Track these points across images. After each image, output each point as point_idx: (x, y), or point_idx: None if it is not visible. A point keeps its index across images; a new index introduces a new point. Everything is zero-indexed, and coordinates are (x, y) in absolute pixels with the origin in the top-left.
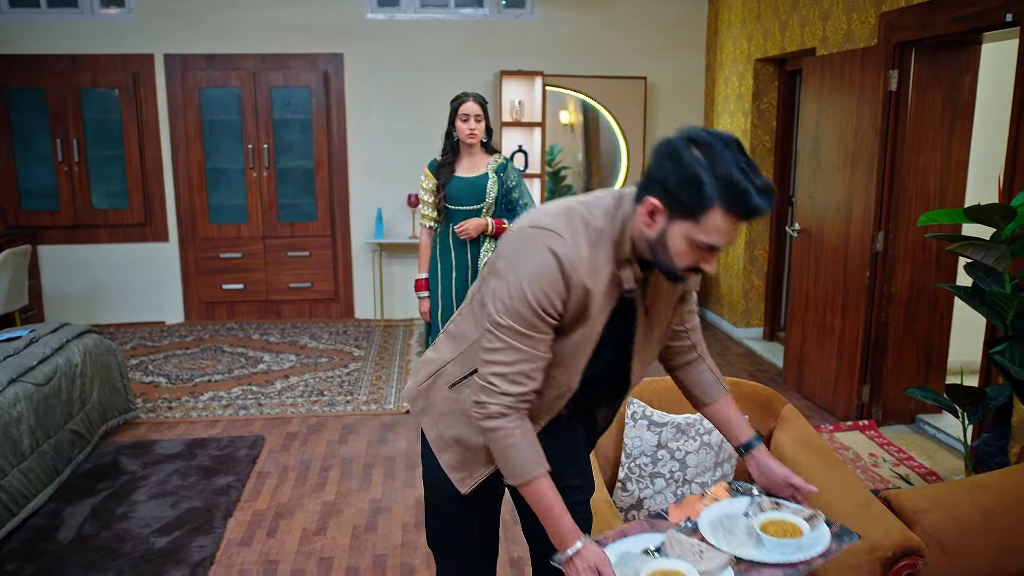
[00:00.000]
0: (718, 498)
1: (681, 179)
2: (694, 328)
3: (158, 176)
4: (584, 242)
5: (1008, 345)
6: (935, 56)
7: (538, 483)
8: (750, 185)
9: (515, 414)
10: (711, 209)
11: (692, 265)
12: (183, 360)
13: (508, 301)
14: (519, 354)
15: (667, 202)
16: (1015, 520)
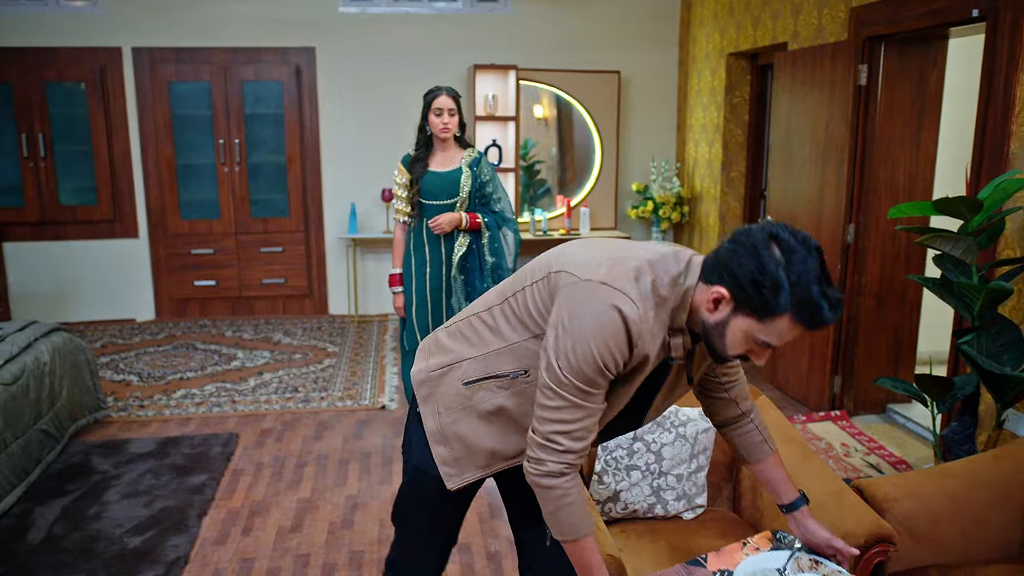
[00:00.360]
0: (759, 547)
1: (757, 279)
2: (735, 383)
3: (127, 171)
4: (651, 308)
5: (975, 335)
6: (903, 51)
7: (585, 542)
8: (824, 301)
9: (573, 472)
10: (781, 316)
11: (740, 353)
12: (155, 358)
13: (574, 360)
14: (582, 412)
15: (736, 296)
16: (982, 507)
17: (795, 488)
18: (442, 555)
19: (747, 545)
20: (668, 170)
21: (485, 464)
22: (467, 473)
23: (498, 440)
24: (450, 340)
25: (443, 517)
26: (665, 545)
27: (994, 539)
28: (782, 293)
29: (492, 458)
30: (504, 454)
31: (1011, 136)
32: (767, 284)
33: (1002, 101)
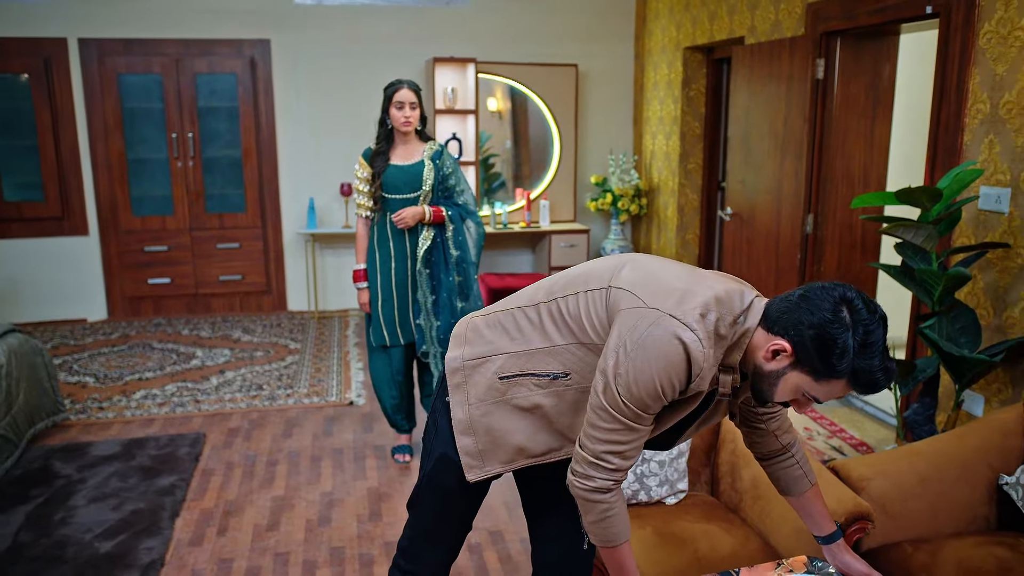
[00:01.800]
0: (793, 570)
1: (824, 341)
2: (774, 416)
3: (75, 167)
4: (712, 348)
5: (937, 320)
6: (858, 46)
7: (624, 548)
8: (883, 374)
9: (618, 487)
10: (839, 379)
11: (786, 401)
12: (110, 358)
13: (635, 388)
14: (635, 434)
15: (798, 352)
16: (948, 484)
17: (832, 521)
18: (456, 543)
19: (781, 566)
20: (626, 163)
21: (509, 460)
22: (489, 466)
23: (528, 437)
24: (489, 330)
25: (461, 505)
26: (652, 530)
27: (961, 514)
28: (845, 360)
29: (518, 454)
30: (531, 452)
31: (964, 128)
32: (832, 348)
33: (955, 95)
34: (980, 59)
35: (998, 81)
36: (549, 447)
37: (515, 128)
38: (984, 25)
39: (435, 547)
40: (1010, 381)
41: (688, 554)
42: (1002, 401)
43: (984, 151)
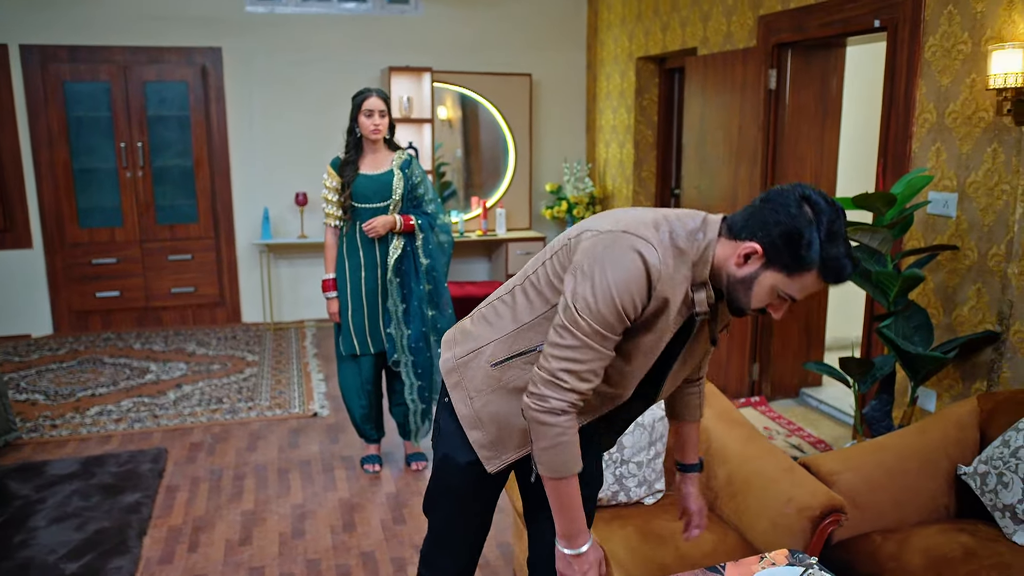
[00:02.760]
0: (775, 563)
1: (789, 236)
2: (706, 355)
3: (17, 177)
4: (671, 257)
5: (893, 320)
6: (807, 57)
7: (572, 481)
8: (848, 261)
9: (573, 412)
10: (808, 271)
11: (761, 307)
12: (59, 375)
13: (593, 302)
14: (593, 353)
15: (768, 251)
16: (911, 476)
17: (698, 455)
18: (473, 546)
19: (764, 559)
20: (580, 170)
21: (521, 443)
22: (505, 454)
23: (508, 406)
24: (474, 326)
25: (473, 506)
26: (633, 530)
27: (924, 503)
28: (813, 250)
29: (527, 436)
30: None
31: (912, 137)
32: (799, 240)
33: (903, 105)
34: (926, 71)
35: (943, 92)
36: None
37: (466, 137)
38: (929, 39)
39: (452, 551)
40: (960, 377)
41: (671, 551)
42: (953, 396)
43: (932, 158)
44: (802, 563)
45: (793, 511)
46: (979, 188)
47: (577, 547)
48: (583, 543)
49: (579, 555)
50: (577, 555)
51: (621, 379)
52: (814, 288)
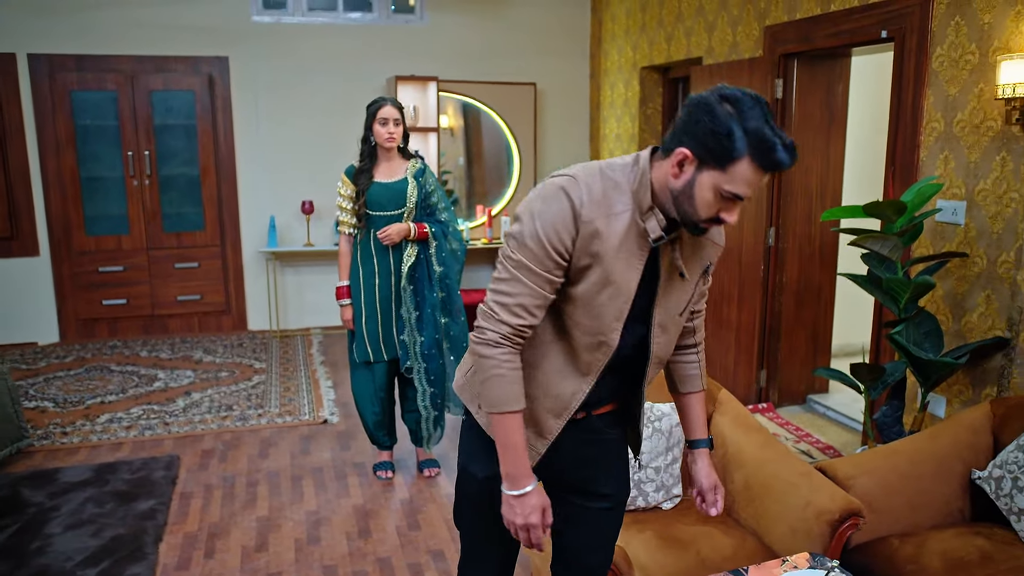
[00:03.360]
0: (797, 566)
1: (713, 131)
2: (700, 313)
3: (25, 185)
4: (599, 186)
5: (904, 326)
6: (813, 66)
7: (511, 418)
8: (777, 139)
9: (509, 347)
10: (740, 160)
11: (714, 215)
12: (67, 382)
13: (520, 238)
14: (523, 287)
15: (697, 152)
16: (926, 480)
17: (706, 430)
18: (503, 560)
19: (786, 563)
20: None
21: (538, 431)
22: (532, 448)
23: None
24: None
25: (496, 519)
26: (652, 534)
27: (939, 507)
28: (737, 137)
29: (538, 423)
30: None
31: (920, 146)
32: (723, 132)
33: (911, 114)
34: (933, 81)
35: (951, 101)
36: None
37: (468, 145)
38: (936, 49)
39: (480, 563)
40: (970, 383)
41: (692, 556)
42: (963, 402)
43: (940, 166)
44: (823, 566)
45: (812, 515)
46: (988, 196)
47: (519, 488)
48: (525, 485)
49: (521, 496)
50: (519, 496)
51: (595, 322)
52: (755, 180)
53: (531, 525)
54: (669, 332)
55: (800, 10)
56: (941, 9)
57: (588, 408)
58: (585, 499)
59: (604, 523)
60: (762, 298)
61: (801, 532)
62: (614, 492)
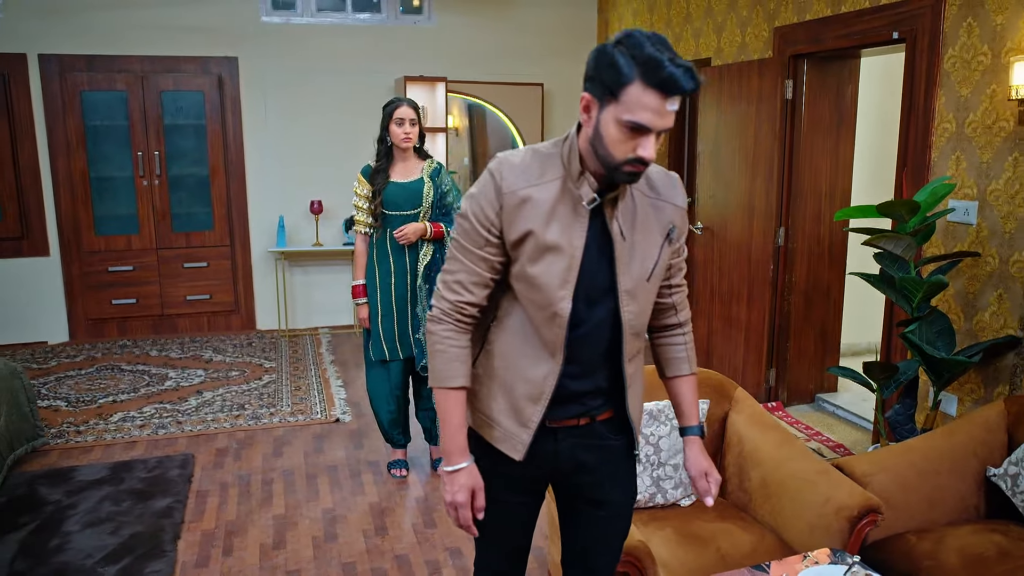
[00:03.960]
0: (818, 561)
1: (603, 65)
2: (679, 288)
3: (35, 185)
4: (524, 159)
5: (918, 325)
6: (823, 67)
7: (450, 394)
8: (664, 57)
9: (451, 324)
10: (630, 84)
11: (630, 155)
12: (79, 381)
13: (459, 220)
14: (459, 264)
15: (595, 92)
16: (942, 477)
17: (698, 417)
18: (511, 555)
19: (807, 558)
20: None
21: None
22: (516, 438)
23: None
24: None
25: (499, 516)
26: (672, 531)
27: (955, 504)
28: (622, 63)
29: (518, 412)
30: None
31: (932, 146)
32: (610, 63)
33: (922, 115)
34: (945, 81)
35: (963, 102)
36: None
37: (473, 145)
38: (948, 50)
39: (491, 561)
40: (982, 381)
41: (712, 552)
42: (975, 400)
43: (951, 167)
44: (844, 562)
45: (831, 511)
46: (1000, 196)
47: (451, 464)
48: (456, 462)
49: (452, 473)
50: (450, 472)
51: (542, 294)
52: (654, 105)
53: (457, 503)
54: (639, 300)
55: (810, 11)
56: (953, 10)
57: (591, 414)
58: (589, 504)
59: (608, 528)
60: (771, 297)
61: (820, 528)
62: (618, 499)
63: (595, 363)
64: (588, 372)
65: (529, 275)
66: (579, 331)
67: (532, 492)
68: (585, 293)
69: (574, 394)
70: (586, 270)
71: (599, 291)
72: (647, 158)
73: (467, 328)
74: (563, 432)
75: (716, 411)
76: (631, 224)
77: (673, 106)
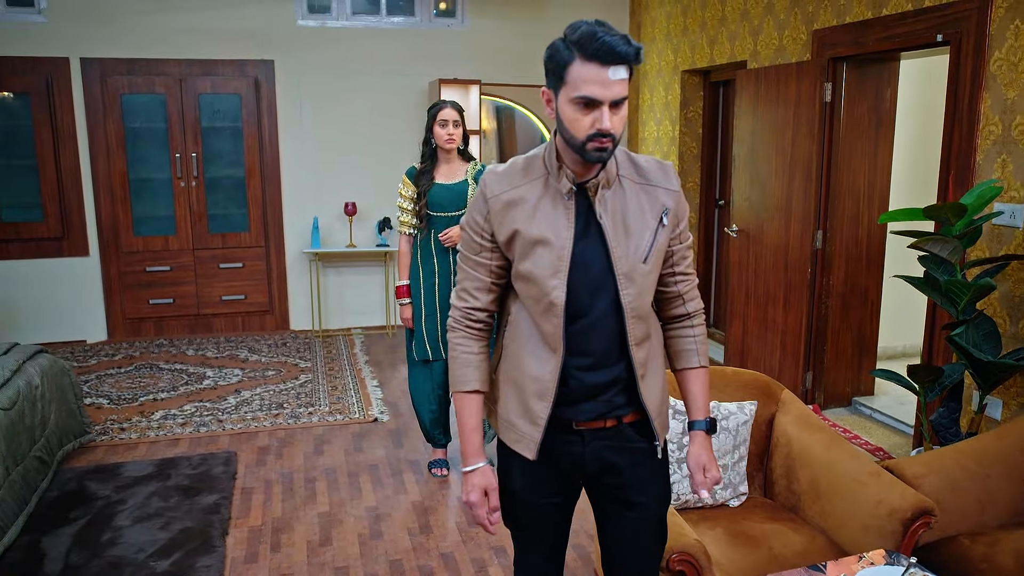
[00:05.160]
0: (873, 562)
1: (550, 56)
2: (684, 277)
3: (76, 187)
4: (508, 166)
5: (965, 328)
6: (861, 70)
7: (463, 397)
8: (597, 31)
9: (462, 331)
10: (572, 64)
11: (591, 131)
12: (119, 379)
13: (460, 234)
14: (464, 273)
15: (549, 82)
16: (993, 480)
17: (706, 412)
18: (547, 558)
19: (863, 559)
20: None
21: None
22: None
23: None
24: None
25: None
26: (723, 531)
27: (1006, 507)
28: (560, 47)
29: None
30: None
31: (976, 149)
32: (553, 51)
33: (967, 117)
34: (991, 84)
35: (1009, 105)
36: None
37: (501, 146)
38: (995, 53)
39: (528, 557)
40: None
41: (764, 552)
42: (1020, 404)
43: (997, 170)
44: (900, 563)
45: (884, 513)
46: None
47: (465, 465)
48: (470, 464)
49: (467, 473)
50: (465, 473)
51: (536, 286)
52: (597, 76)
53: (471, 503)
54: (637, 282)
55: (850, 14)
56: (1000, 13)
57: (616, 414)
58: (619, 506)
59: (639, 531)
60: (809, 300)
61: (873, 530)
62: (646, 502)
63: (608, 354)
64: (602, 364)
65: (523, 271)
66: (584, 321)
67: (562, 493)
68: (584, 282)
69: (592, 389)
70: (580, 259)
71: (597, 279)
72: (606, 130)
73: (478, 334)
74: (590, 434)
75: (763, 413)
76: (622, 209)
77: (617, 75)
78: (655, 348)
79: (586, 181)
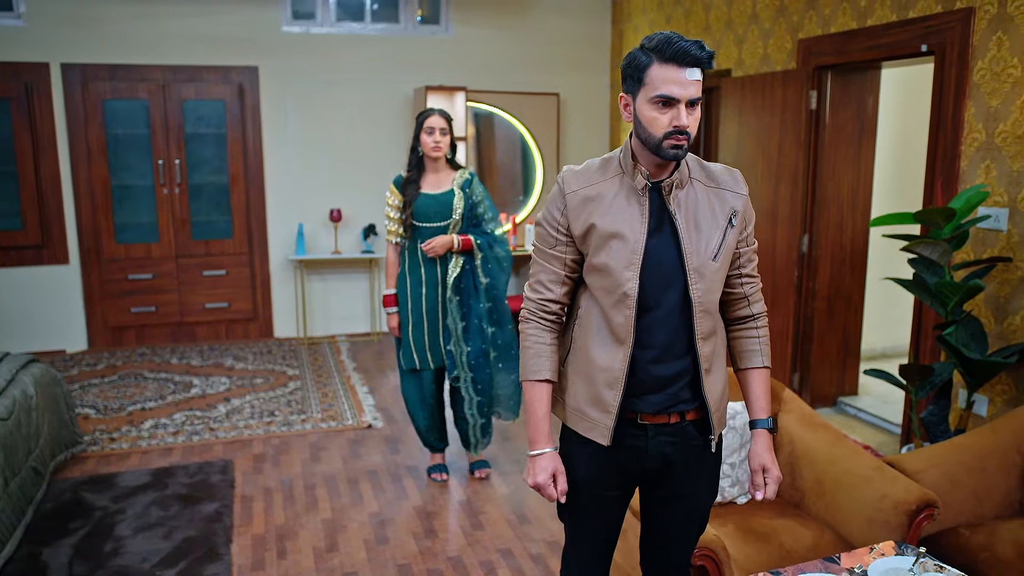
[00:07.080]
0: (884, 553)
1: (628, 65)
2: (750, 280)
3: (56, 194)
4: (587, 165)
5: (955, 328)
6: (845, 78)
7: (535, 386)
8: (674, 36)
9: (536, 322)
10: (650, 67)
11: (668, 128)
12: (104, 389)
13: (535, 229)
14: (539, 266)
15: (627, 88)
16: (989, 473)
17: (767, 411)
18: (600, 549)
19: (874, 551)
20: None
21: (602, 407)
22: (602, 424)
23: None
24: None
25: (591, 509)
26: (733, 527)
27: (1001, 499)
28: (639, 54)
29: (600, 400)
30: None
31: (961, 155)
32: (631, 59)
33: (951, 125)
34: (975, 93)
35: (992, 113)
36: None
37: (479, 153)
38: (978, 63)
39: (580, 551)
40: (1013, 382)
41: (775, 547)
42: (1005, 401)
43: (981, 175)
44: (910, 553)
45: (889, 507)
46: None
47: (534, 449)
48: (538, 448)
49: (534, 457)
50: (533, 456)
51: (610, 278)
52: (675, 77)
53: (539, 485)
54: (707, 279)
55: (835, 24)
56: (983, 24)
57: (680, 410)
58: (670, 496)
59: (687, 519)
60: (795, 303)
61: (879, 523)
62: (695, 495)
63: (674, 347)
64: (668, 356)
65: (598, 263)
66: (654, 314)
67: (622, 487)
68: (655, 276)
69: (659, 381)
70: (652, 254)
71: (669, 273)
72: (683, 126)
73: (550, 325)
74: (654, 429)
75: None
76: (694, 209)
77: (693, 75)
78: (719, 346)
79: (660, 181)
